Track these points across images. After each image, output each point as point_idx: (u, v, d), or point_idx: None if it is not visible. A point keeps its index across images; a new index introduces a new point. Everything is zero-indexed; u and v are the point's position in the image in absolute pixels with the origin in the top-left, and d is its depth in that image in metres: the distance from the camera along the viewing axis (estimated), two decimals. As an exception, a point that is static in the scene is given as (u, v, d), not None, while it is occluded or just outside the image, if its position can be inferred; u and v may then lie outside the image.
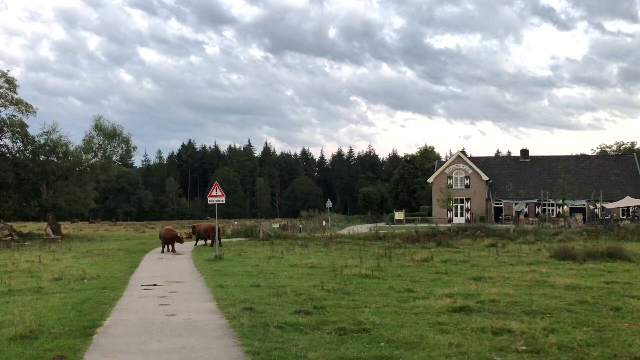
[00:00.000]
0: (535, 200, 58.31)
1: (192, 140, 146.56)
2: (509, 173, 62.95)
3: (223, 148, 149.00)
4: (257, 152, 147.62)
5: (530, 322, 9.07)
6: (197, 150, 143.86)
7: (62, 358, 7.03)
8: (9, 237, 36.71)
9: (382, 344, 7.80)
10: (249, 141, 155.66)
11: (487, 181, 60.39)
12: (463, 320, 9.34)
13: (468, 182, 60.83)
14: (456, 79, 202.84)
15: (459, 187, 60.62)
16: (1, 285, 14.22)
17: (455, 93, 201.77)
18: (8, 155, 44.41)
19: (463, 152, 64.80)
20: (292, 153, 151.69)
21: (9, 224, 42.47)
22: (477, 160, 63.99)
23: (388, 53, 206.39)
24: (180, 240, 27.06)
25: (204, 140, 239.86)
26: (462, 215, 60.17)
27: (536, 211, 57.68)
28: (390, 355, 7.11)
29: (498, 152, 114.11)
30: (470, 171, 60.82)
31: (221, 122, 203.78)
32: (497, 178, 62.08)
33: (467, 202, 60.60)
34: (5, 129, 43.77)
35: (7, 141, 44.72)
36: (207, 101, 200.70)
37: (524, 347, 7.50)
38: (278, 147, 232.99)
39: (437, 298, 11.54)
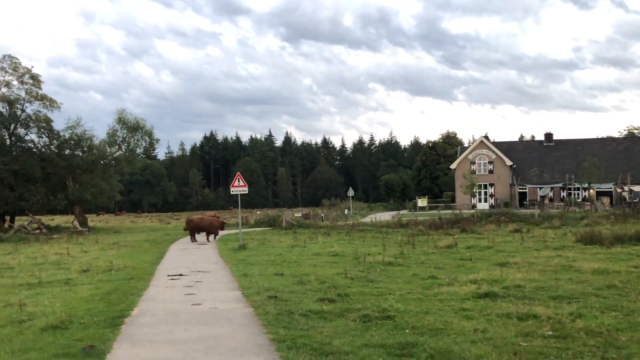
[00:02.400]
0: (560, 185, 57.46)
1: (214, 132, 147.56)
2: (533, 157, 62.06)
3: (244, 139, 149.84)
4: (278, 142, 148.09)
5: (557, 307, 8.98)
6: (219, 141, 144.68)
7: (92, 347, 7.18)
8: (38, 231, 37.46)
9: (407, 330, 7.81)
10: (269, 131, 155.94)
11: (511, 166, 59.67)
12: (488, 306, 9.29)
13: (492, 167, 60.15)
14: (475, 63, 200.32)
15: (482, 172, 59.98)
16: (32, 278, 14.55)
17: (475, 77, 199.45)
18: (34, 150, 45.17)
19: (486, 137, 63.95)
20: (313, 142, 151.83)
21: (38, 217, 43.30)
22: (500, 145, 63.19)
23: (405, 39, 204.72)
24: (221, 228, 28.49)
25: (224, 131, 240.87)
26: (486, 201, 59.60)
27: (561, 195, 56.85)
28: (415, 342, 7.11)
29: (522, 137, 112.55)
30: (494, 156, 60.12)
31: (240, 113, 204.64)
32: (521, 163, 61.27)
33: (491, 188, 59.98)
34: (31, 124, 44.52)
35: (34, 136, 45.58)
36: (226, 92, 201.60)
37: (550, 333, 7.44)
38: (298, 137, 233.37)
39: (461, 284, 11.48)
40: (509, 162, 59.51)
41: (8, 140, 43.62)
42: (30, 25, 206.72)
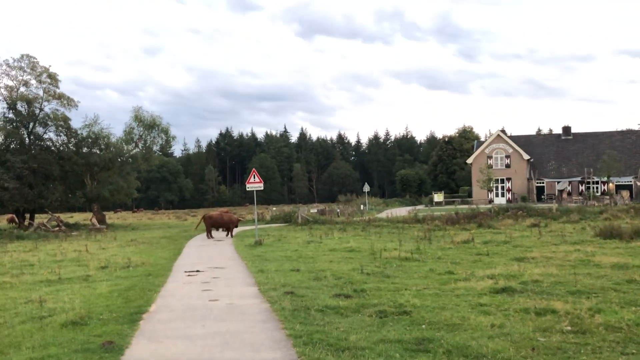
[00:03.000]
0: (578, 178, 56.83)
1: (229, 128, 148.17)
2: (551, 151, 61.44)
3: (260, 135, 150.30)
4: (293, 138, 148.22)
5: (576, 302, 8.89)
6: (235, 138, 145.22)
7: (110, 343, 7.26)
8: (57, 228, 37.95)
9: (424, 326, 7.79)
10: (285, 127, 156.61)
11: (528, 160, 59.14)
12: (505, 302, 9.22)
13: (508, 161, 59.67)
14: (491, 56, 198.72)
15: (499, 167, 59.53)
16: (52, 274, 14.74)
17: (490, 71, 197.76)
18: (53, 148, 45.69)
19: (503, 131, 63.39)
20: (328, 138, 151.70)
21: (57, 215, 43.86)
22: (517, 139, 62.62)
23: (420, 33, 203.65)
24: (236, 225, 28.84)
25: (239, 127, 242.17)
26: (503, 195, 59.16)
27: (580, 189, 56.23)
28: (431, 337, 7.09)
29: (539, 130, 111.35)
30: (511, 150, 59.63)
31: (255, 109, 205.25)
32: (539, 157, 60.71)
33: (508, 182, 59.51)
34: (49, 122, 45.02)
35: (52, 135, 46.08)
36: (241, 89, 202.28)
37: (569, 328, 7.37)
38: (314, 133, 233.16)
39: (478, 279, 11.42)
40: (526, 156, 58.99)
41: (27, 139, 44.17)
42: (47, 25, 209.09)
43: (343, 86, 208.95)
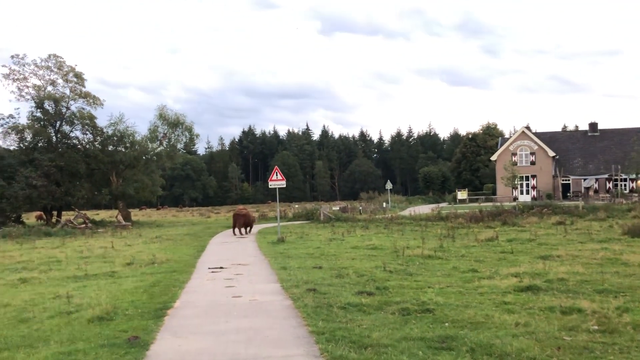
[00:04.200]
0: (605, 176, 55.79)
1: (252, 126, 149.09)
2: (577, 148, 60.41)
3: (282, 133, 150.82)
4: (315, 135, 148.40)
5: (603, 301, 8.75)
6: (257, 135, 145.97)
7: (136, 338, 7.37)
8: (84, 225, 38.57)
9: (447, 324, 7.74)
10: (307, 125, 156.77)
11: (553, 157, 58.24)
12: (530, 300, 9.12)
13: (533, 158, 58.84)
14: (514, 52, 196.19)
15: (524, 164, 58.72)
16: (78, 271, 15.00)
17: (514, 67, 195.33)
18: (79, 146, 46.36)
19: (528, 127, 62.50)
20: (350, 135, 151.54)
21: (83, 212, 44.56)
22: (542, 136, 61.71)
23: (442, 29, 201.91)
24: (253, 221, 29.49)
25: (262, 125, 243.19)
26: (527, 193, 58.37)
27: (607, 187, 55.20)
28: (455, 335, 7.05)
29: (565, 127, 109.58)
30: (536, 147, 58.78)
31: (277, 107, 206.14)
32: (565, 153, 59.74)
33: (533, 180, 58.69)
34: (75, 121, 45.67)
35: (78, 133, 46.72)
36: (262, 87, 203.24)
37: (596, 327, 7.25)
38: (335, 130, 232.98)
39: (502, 278, 11.31)
40: (551, 153, 58.11)
41: (54, 138, 44.90)
42: (72, 25, 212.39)
43: (364, 83, 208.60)
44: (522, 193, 58.28)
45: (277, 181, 23.71)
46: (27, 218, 46.79)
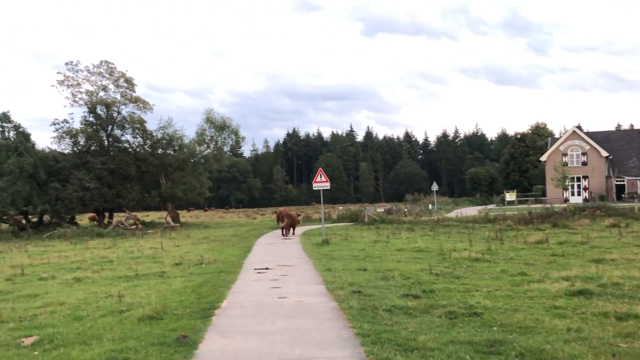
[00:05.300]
0: (663, 176, 53.60)
1: (296, 128, 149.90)
2: (633, 147, 58.19)
3: (326, 135, 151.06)
4: (359, 137, 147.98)
5: (660, 307, 8.39)
6: (301, 138, 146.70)
7: (185, 337, 7.51)
8: (134, 226, 39.63)
9: (495, 328, 7.59)
10: (350, 127, 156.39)
11: (606, 157, 56.30)
12: (583, 305, 8.84)
13: (585, 159, 57.05)
14: (563, 49, 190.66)
15: (575, 164, 57.02)
16: (129, 270, 15.43)
17: (563, 65, 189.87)
18: (130, 150, 47.67)
19: (579, 127, 60.68)
20: (395, 136, 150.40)
21: (134, 213, 45.80)
22: (594, 135, 59.76)
23: (487, 27, 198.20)
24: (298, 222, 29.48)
25: (305, 128, 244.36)
26: (579, 194, 56.64)
27: (665, 188, 52.98)
28: (503, 340, 6.90)
29: (619, 126, 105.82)
30: (588, 147, 56.98)
31: (320, 109, 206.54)
32: (618, 153, 57.66)
33: (585, 181, 56.90)
34: (126, 125, 47.02)
35: (129, 137, 48.09)
36: (305, 89, 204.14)
37: (653, 334, 6.97)
38: (380, 131, 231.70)
39: (553, 281, 11.01)
40: (604, 153, 56.20)
41: (106, 141, 46.30)
42: (122, 31, 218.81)
43: (408, 83, 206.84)
44: (573, 194, 56.59)
45: (321, 183, 23.77)
46: (81, 219, 48.37)
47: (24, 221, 40.84)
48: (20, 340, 7.78)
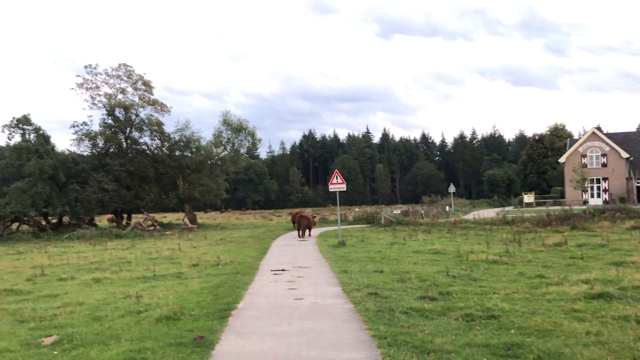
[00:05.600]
0: (685, 178, 52.70)
1: (312, 130, 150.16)
2: (654, 149, 57.36)
3: (342, 136, 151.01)
4: (376, 138, 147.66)
5: (682, 311, 8.25)
6: (317, 139, 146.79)
7: (202, 338, 7.56)
8: (152, 227, 39.95)
9: (513, 330, 7.52)
10: (367, 128, 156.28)
11: (627, 159, 55.51)
12: (602, 308, 8.73)
13: (605, 160, 56.30)
14: (582, 50, 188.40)
15: (594, 166, 56.30)
16: (147, 272, 15.56)
17: (581, 65, 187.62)
18: (148, 152, 48.04)
19: (598, 128, 59.92)
20: (412, 138, 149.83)
21: (152, 215, 46.16)
22: (614, 137, 58.95)
23: (504, 28, 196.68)
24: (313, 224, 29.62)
25: (321, 129, 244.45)
26: (598, 196, 55.91)
27: (687, 189, 52.09)
28: (521, 343, 6.84)
29: None
30: (607, 148, 56.23)
31: (336, 111, 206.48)
32: (639, 155, 56.85)
33: (605, 182, 56.16)
34: (144, 128, 47.41)
35: (147, 139, 48.47)
36: (321, 91, 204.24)
37: (674, 338, 6.86)
38: (396, 133, 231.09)
39: (572, 284, 10.88)
40: (624, 155, 55.41)
41: (124, 143, 46.73)
42: (139, 34, 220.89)
43: (424, 85, 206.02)
44: (592, 196, 55.88)
45: (337, 184, 23.76)
46: (100, 221, 48.90)
47: (44, 222, 41.38)
48: (41, 339, 7.89)
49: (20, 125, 41.42)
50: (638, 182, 54.85)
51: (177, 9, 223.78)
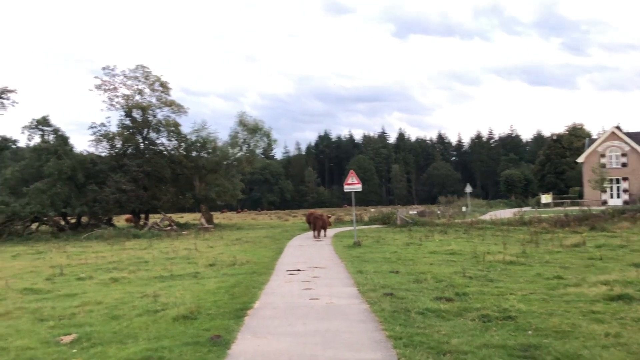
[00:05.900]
0: None
1: (327, 131, 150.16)
2: (675, 148, 56.44)
3: (357, 137, 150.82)
4: (391, 139, 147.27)
5: None
6: (333, 140, 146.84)
7: (218, 337, 7.61)
8: (169, 227, 40.21)
9: (530, 332, 7.46)
10: (382, 128, 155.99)
11: (647, 158, 54.73)
12: (622, 310, 8.62)
13: (625, 160, 55.56)
14: (601, 48, 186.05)
15: (613, 166, 55.58)
16: (164, 271, 15.67)
17: (600, 64, 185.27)
18: (165, 152, 48.38)
19: (618, 127, 59.10)
20: (428, 138, 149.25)
21: (169, 215, 46.50)
22: (635, 136, 58.10)
23: (521, 27, 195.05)
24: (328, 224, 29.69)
25: (337, 130, 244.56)
26: (618, 196, 55.18)
27: None
28: (538, 344, 6.78)
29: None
30: (627, 148, 55.46)
31: (351, 111, 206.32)
32: (660, 154, 56.02)
33: (625, 182, 55.41)
34: (161, 128, 47.75)
35: (164, 140, 48.80)
36: (336, 91, 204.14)
37: (696, 340, 6.75)
38: (412, 133, 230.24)
39: (590, 285, 10.75)
40: (645, 154, 54.65)
41: (142, 144, 47.11)
42: (156, 36, 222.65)
43: (440, 85, 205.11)
44: (612, 197, 55.19)
45: (352, 185, 23.74)
46: (118, 221, 49.34)
47: (62, 222, 41.89)
48: (60, 338, 7.99)
49: (40, 127, 41.98)
50: (659, 182, 54.04)
51: (194, 10, 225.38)
